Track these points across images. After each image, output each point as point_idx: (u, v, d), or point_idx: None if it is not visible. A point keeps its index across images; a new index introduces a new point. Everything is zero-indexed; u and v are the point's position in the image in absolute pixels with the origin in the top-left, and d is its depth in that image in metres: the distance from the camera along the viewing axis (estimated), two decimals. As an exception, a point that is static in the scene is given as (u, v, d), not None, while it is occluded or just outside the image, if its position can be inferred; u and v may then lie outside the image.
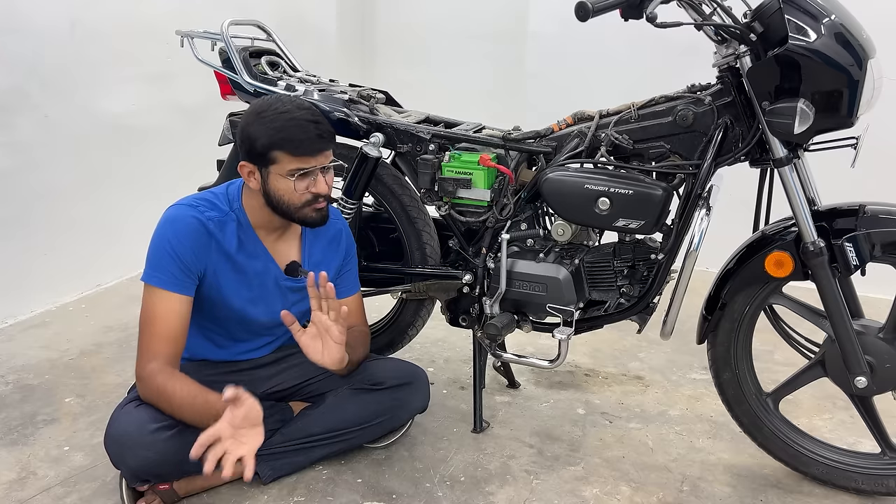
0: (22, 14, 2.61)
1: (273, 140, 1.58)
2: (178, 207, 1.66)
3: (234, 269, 1.69)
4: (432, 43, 3.95)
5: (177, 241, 1.61)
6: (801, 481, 1.80)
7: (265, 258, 1.73)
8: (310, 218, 1.66)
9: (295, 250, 1.78)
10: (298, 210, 1.65)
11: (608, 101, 1.85)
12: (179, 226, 1.62)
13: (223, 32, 2.00)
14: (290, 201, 1.63)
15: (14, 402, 2.14)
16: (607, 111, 1.79)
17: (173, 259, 1.60)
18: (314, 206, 1.65)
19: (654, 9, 1.51)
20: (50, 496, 1.71)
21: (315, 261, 1.80)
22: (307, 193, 1.62)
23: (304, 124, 1.58)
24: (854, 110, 1.49)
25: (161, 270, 1.61)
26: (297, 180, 1.60)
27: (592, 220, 1.73)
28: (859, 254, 1.56)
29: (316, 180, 1.63)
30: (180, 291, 1.62)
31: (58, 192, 2.81)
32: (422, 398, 1.89)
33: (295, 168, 1.59)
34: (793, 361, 2.01)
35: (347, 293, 1.88)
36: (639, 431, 2.04)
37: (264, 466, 1.74)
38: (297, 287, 1.77)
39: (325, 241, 1.83)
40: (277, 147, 1.58)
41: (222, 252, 1.67)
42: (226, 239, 1.67)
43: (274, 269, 1.74)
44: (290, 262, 1.75)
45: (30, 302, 2.78)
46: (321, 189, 1.63)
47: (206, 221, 1.64)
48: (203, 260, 1.64)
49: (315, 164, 1.61)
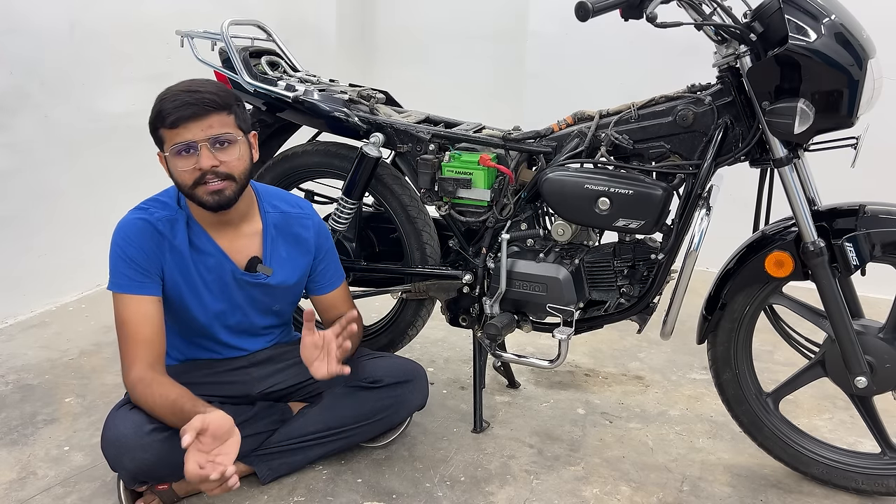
0: (21, 14, 2.61)
1: (153, 118, 1.55)
2: (127, 215, 1.66)
3: (188, 267, 1.67)
4: (432, 43, 3.95)
5: (126, 245, 1.61)
6: (801, 481, 1.80)
7: (217, 254, 1.69)
8: (206, 200, 1.57)
9: (255, 248, 1.74)
10: (192, 192, 1.57)
11: (608, 101, 1.85)
12: (127, 230, 1.62)
13: (223, 32, 2.00)
14: (182, 182, 1.57)
15: (14, 402, 2.14)
16: (607, 111, 1.79)
17: (126, 263, 1.60)
18: (206, 187, 1.55)
19: (654, 9, 1.51)
20: (50, 496, 1.71)
21: (280, 258, 1.77)
22: (195, 172, 1.54)
23: (177, 94, 1.53)
24: (854, 110, 1.49)
25: (118, 275, 1.61)
26: (177, 158, 1.54)
27: (592, 220, 1.73)
28: (859, 254, 1.56)
29: (200, 155, 1.53)
30: (143, 292, 1.61)
31: (58, 192, 2.81)
32: (420, 396, 1.89)
33: (172, 143, 1.53)
34: (793, 361, 2.01)
35: (331, 287, 1.87)
36: (639, 431, 2.04)
37: (262, 466, 1.74)
38: (256, 283, 1.74)
39: (290, 239, 1.78)
40: (156, 124, 1.55)
41: (175, 251, 1.65)
42: (176, 237, 1.65)
43: (228, 264, 1.70)
44: (251, 257, 1.72)
45: (30, 302, 2.78)
46: (203, 163, 1.53)
47: (154, 222, 1.63)
48: (157, 259, 1.63)
49: (191, 137, 1.52)
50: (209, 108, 1.53)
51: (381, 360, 1.88)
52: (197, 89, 1.54)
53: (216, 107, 1.54)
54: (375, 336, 2.18)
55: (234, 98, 1.61)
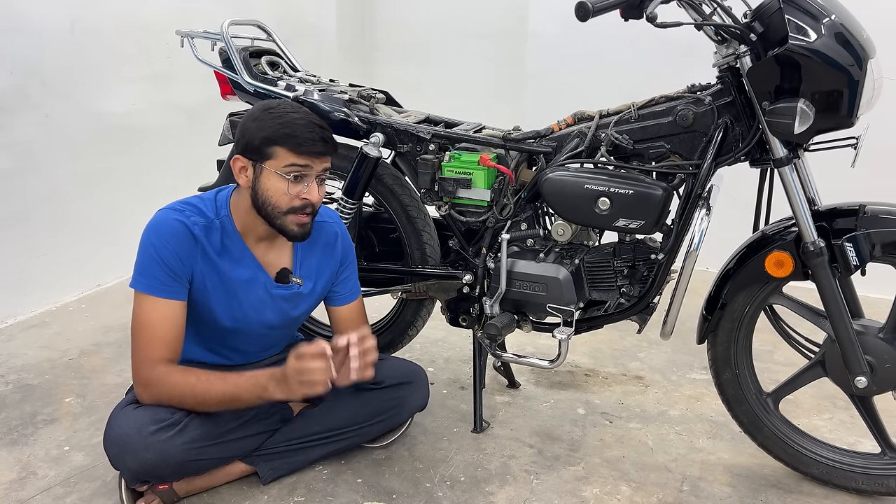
0: (22, 14, 2.61)
1: (277, 133, 1.55)
2: (163, 212, 1.63)
3: (220, 276, 1.65)
4: (432, 43, 3.95)
5: (161, 245, 1.58)
6: (801, 481, 1.80)
7: (253, 265, 1.68)
8: (290, 229, 1.61)
9: (286, 259, 1.74)
10: (282, 216, 1.59)
11: (608, 101, 1.85)
12: (163, 230, 1.59)
13: (223, 32, 2.00)
14: (276, 203, 1.58)
15: (14, 402, 2.14)
16: (607, 111, 1.79)
17: (158, 265, 1.57)
18: (299, 216, 1.60)
19: (654, 9, 1.51)
20: (50, 496, 1.71)
21: (310, 268, 1.77)
22: (296, 199, 1.58)
23: (311, 125, 1.57)
24: (854, 110, 1.49)
25: (148, 276, 1.58)
26: (291, 180, 1.57)
27: (592, 220, 1.73)
28: (859, 254, 1.56)
29: (309, 187, 1.59)
30: (171, 297, 1.59)
31: (58, 193, 2.81)
32: (421, 397, 1.89)
33: (292, 163, 1.56)
34: (793, 361, 2.01)
35: (348, 300, 1.86)
36: (639, 431, 2.04)
37: (264, 467, 1.74)
38: (288, 295, 1.74)
39: (319, 248, 1.79)
40: (280, 141, 1.55)
41: (208, 258, 1.63)
42: (211, 245, 1.63)
43: (263, 276, 1.70)
44: (280, 269, 1.71)
45: (30, 302, 2.78)
46: (312, 196, 1.59)
47: (191, 226, 1.61)
48: (189, 264, 1.61)
49: (312, 167, 1.58)
50: (332, 151, 1.61)
51: (383, 362, 1.86)
52: (325, 126, 1.60)
53: (335, 149, 1.63)
54: (375, 336, 2.18)
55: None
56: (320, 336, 2.25)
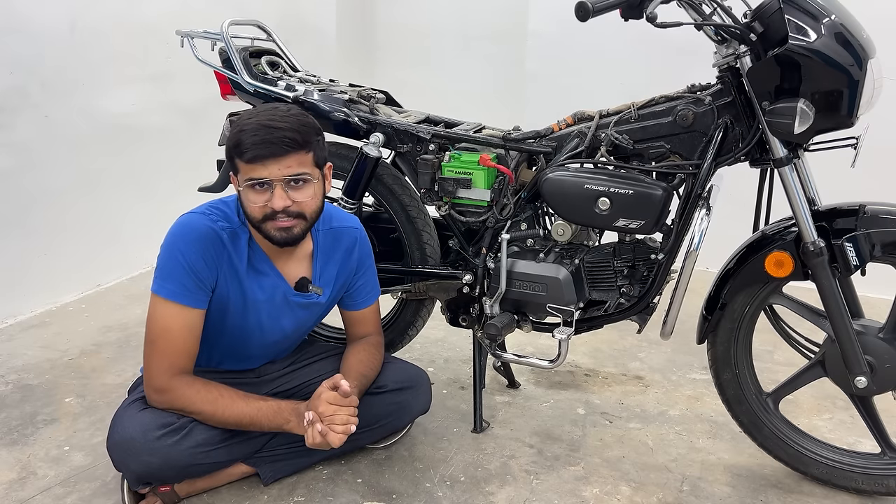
0: (22, 14, 2.61)
1: (231, 145, 1.50)
2: (190, 215, 1.59)
3: (241, 283, 1.63)
4: (432, 43, 3.95)
5: (189, 251, 1.54)
6: (801, 481, 1.80)
7: (273, 275, 1.66)
8: (273, 235, 1.55)
9: (305, 268, 1.72)
10: (260, 225, 1.54)
11: (608, 101, 1.85)
12: (192, 234, 1.55)
13: (223, 32, 2.00)
14: (252, 214, 1.53)
15: (14, 402, 2.14)
16: (607, 111, 1.79)
17: (185, 271, 1.53)
18: (275, 223, 1.53)
19: (654, 9, 1.51)
20: (50, 496, 1.71)
21: (329, 276, 1.75)
22: (266, 208, 1.51)
23: (259, 128, 1.47)
24: (854, 110, 1.49)
25: (174, 282, 1.54)
26: (251, 191, 1.50)
27: (592, 220, 1.73)
28: (859, 254, 1.57)
29: (273, 193, 1.50)
30: (194, 305, 1.56)
31: (57, 193, 2.81)
32: (424, 401, 1.88)
33: (247, 177, 1.49)
34: (793, 361, 2.01)
35: (365, 304, 1.84)
36: (639, 431, 2.04)
37: (265, 468, 1.74)
38: (307, 303, 1.73)
39: (339, 255, 1.76)
40: (233, 153, 1.50)
41: (232, 265, 1.60)
42: (237, 252, 1.61)
43: (283, 285, 1.68)
44: (300, 278, 1.70)
45: (30, 302, 2.78)
46: (275, 204, 1.50)
47: (219, 231, 1.58)
48: (215, 271, 1.58)
49: (267, 175, 1.48)
50: (288, 148, 1.48)
51: (386, 365, 1.86)
52: (278, 125, 1.47)
53: (295, 146, 1.49)
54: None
55: (314, 133, 1.54)
56: (323, 337, 2.25)
